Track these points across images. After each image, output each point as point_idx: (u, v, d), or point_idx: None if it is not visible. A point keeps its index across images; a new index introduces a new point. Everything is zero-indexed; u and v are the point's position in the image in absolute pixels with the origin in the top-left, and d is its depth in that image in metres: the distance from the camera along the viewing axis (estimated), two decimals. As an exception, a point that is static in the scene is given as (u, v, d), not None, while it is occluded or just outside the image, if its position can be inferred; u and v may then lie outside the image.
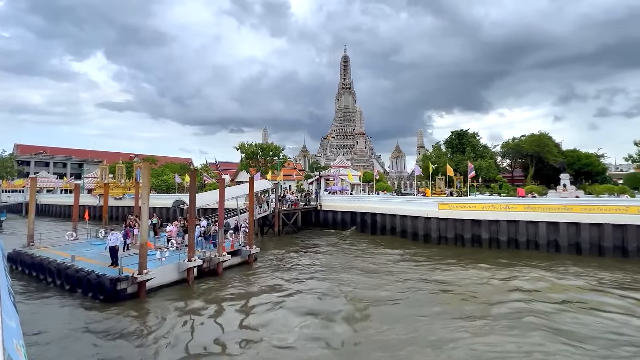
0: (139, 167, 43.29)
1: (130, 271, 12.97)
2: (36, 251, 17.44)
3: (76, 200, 22.24)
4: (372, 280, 15.54)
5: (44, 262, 15.39)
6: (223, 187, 17.22)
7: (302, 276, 16.20)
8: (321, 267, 18.08)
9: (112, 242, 13.82)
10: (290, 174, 70.98)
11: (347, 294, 13.57)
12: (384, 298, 13.12)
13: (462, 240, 23.39)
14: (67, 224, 38.23)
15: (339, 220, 32.08)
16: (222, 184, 17.34)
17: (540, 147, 62.40)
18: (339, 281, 15.33)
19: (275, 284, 14.95)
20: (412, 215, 25.79)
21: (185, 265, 14.63)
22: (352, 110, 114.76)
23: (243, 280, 15.67)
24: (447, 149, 64.45)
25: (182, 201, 22.30)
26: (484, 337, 9.89)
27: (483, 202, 23.14)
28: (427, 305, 12.38)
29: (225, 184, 18.58)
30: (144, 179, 13.11)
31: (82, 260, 15.46)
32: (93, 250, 18.01)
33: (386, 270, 17.15)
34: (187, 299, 13.28)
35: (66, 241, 20.37)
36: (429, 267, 17.89)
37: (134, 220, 20.80)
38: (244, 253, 18.11)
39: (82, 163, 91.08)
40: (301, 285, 14.72)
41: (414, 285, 14.75)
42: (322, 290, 14.01)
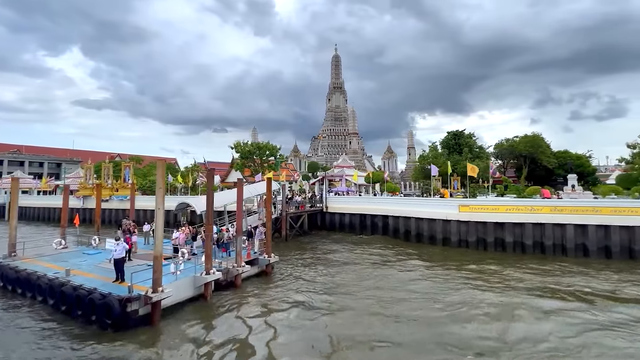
0: (128, 166, 40.53)
1: (142, 289, 10.97)
2: (20, 263, 15.05)
3: (65, 203, 19.77)
4: (404, 298, 14.05)
5: (32, 277, 13.10)
6: (241, 187, 15.33)
7: (328, 290, 14.47)
8: (343, 278, 16.45)
9: (119, 253, 11.74)
10: (276, 175, 68.92)
11: (381, 312, 12.02)
12: (425, 323, 11.64)
13: (485, 244, 22.29)
14: (49, 229, 35.13)
15: (346, 223, 30.55)
16: (241, 185, 15.45)
17: (534, 147, 62.93)
18: (370, 297, 13.74)
19: (302, 301, 13.15)
20: (429, 218, 24.54)
21: (202, 280, 12.71)
22: (343, 110, 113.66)
23: (265, 295, 13.84)
24: (443, 149, 64.09)
25: (187, 204, 20.22)
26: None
27: (507, 204, 22.11)
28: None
29: (241, 184, 16.67)
30: (158, 179, 11.16)
31: (77, 274, 13.27)
32: (87, 261, 15.74)
33: (417, 288, 15.71)
34: (208, 320, 11.39)
35: (54, 250, 17.94)
36: (463, 279, 16.58)
37: (132, 226, 18.63)
38: (261, 262, 16.27)
39: (60, 163, 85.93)
40: (331, 302, 12.95)
41: (455, 303, 13.35)
42: (355, 309, 12.39)
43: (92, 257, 16.59)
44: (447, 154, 61.97)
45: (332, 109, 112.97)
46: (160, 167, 11.23)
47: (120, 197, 38.90)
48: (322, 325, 10.91)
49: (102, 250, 17.77)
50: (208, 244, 13.04)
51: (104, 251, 17.62)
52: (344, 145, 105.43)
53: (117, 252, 11.68)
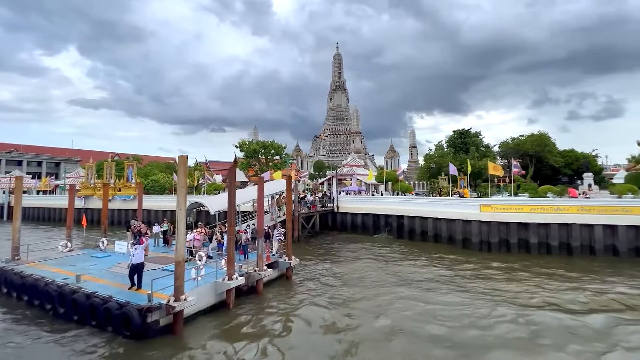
0: (131, 165, 39.47)
1: (162, 297, 10.03)
2: (25, 267, 14.05)
3: (71, 203, 18.77)
4: (434, 311, 13.16)
5: (39, 284, 12.11)
6: (262, 185, 14.38)
7: (353, 298, 13.46)
8: (366, 284, 15.51)
9: (137, 258, 10.75)
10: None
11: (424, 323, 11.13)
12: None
13: (508, 245, 21.45)
14: (52, 230, 33.97)
15: (358, 223, 29.65)
16: (262, 182, 14.50)
17: (541, 146, 62.34)
18: (399, 309, 12.83)
19: (328, 310, 12.18)
20: (447, 218, 23.69)
21: (224, 286, 11.77)
22: (344, 109, 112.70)
23: (289, 303, 12.88)
24: (449, 148, 63.33)
25: (200, 204, 19.25)
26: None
27: (531, 204, 21.29)
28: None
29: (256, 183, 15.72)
30: (180, 177, 10.20)
31: (88, 279, 12.30)
32: (97, 265, 14.75)
33: (446, 299, 14.83)
34: (233, 331, 10.46)
35: (60, 253, 16.93)
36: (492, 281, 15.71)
37: (144, 227, 17.66)
38: (281, 265, 15.34)
39: (59, 162, 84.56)
40: (358, 315, 11.90)
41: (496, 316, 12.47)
42: (386, 325, 11.49)
43: (101, 260, 15.60)
44: (453, 152, 61.28)
45: (334, 108, 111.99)
46: (183, 163, 10.29)
47: (124, 197, 37.85)
48: (352, 340, 9.92)
49: (111, 253, 16.79)
50: (230, 247, 12.10)
51: (113, 254, 16.66)
52: (346, 144, 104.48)
53: (136, 257, 10.69)
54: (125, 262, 14.85)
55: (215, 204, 18.07)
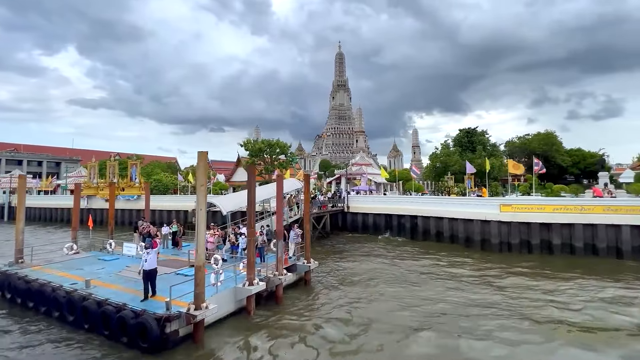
0: (135, 165, 38.64)
1: (181, 304, 9.24)
2: (29, 271, 13.26)
3: (76, 203, 17.96)
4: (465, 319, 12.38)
5: (46, 289, 11.31)
6: (282, 183, 13.56)
7: (376, 304, 12.71)
8: (389, 289, 14.76)
9: (150, 264, 9.92)
10: (300, 172, 67.20)
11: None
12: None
13: (529, 247, 20.68)
14: (54, 231, 33.16)
15: (370, 223, 28.86)
16: (281, 181, 13.69)
17: (549, 145, 61.68)
18: (430, 314, 12.07)
19: (352, 317, 11.46)
20: (464, 218, 22.91)
21: (245, 292, 10.97)
22: (347, 108, 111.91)
23: (311, 309, 12.08)
24: (455, 147, 62.52)
25: (212, 204, 18.37)
26: None
27: (554, 203, 20.51)
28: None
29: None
30: (200, 175, 9.40)
31: (97, 284, 11.50)
32: (105, 268, 13.95)
33: (479, 301, 14.04)
34: (256, 341, 9.63)
35: (65, 256, 16.14)
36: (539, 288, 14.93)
37: (153, 229, 16.88)
38: (300, 269, 14.55)
39: (59, 162, 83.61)
40: (385, 322, 11.17)
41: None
42: (418, 335, 10.72)
43: (109, 263, 14.80)
44: (459, 152, 60.45)
45: (336, 107, 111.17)
46: (202, 160, 9.49)
47: (127, 196, 37.02)
48: (382, 352, 9.16)
49: (119, 256, 16.01)
50: (251, 250, 11.29)
51: (121, 256, 15.87)
52: (348, 143, 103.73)
53: (149, 262, 9.86)
54: (135, 265, 14.13)
55: (228, 204, 17.28)
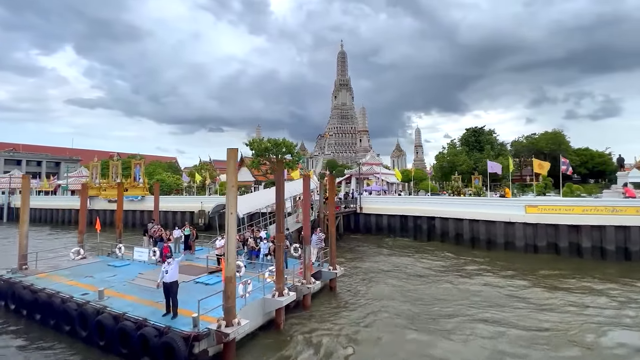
0: (138, 164, 37.60)
1: (209, 320, 8.26)
2: (35, 279, 12.25)
3: (83, 204, 16.94)
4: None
5: (55, 301, 10.30)
6: (308, 181, 12.56)
7: (408, 313, 11.82)
8: (418, 296, 13.82)
9: (171, 276, 8.86)
10: (311, 172, 66.18)
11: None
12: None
13: (556, 249, 19.77)
14: (56, 234, 32.01)
15: (384, 225, 27.90)
16: (307, 180, 12.67)
17: (557, 144, 60.88)
18: (483, 330, 11.12)
19: (387, 327, 10.53)
20: (487, 220, 21.99)
21: (275, 303, 9.98)
22: (349, 107, 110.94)
23: (342, 320, 11.08)
24: (462, 147, 61.69)
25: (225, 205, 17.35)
26: None
27: (583, 204, 19.59)
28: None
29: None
30: (230, 174, 8.41)
31: (111, 294, 10.49)
32: (117, 276, 12.93)
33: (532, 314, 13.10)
34: (289, 357, 8.69)
35: (72, 261, 15.11)
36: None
37: (166, 233, 15.88)
38: (325, 276, 13.57)
39: (59, 161, 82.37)
40: (424, 337, 10.35)
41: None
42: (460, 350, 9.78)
43: (120, 270, 13.78)
44: (467, 151, 59.63)
45: (339, 107, 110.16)
46: (232, 157, 8.50)
47: (131, 197, 35.93)
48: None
49: (130, 261, 14.98)
50: (280, 257, 10.30)
51: (132, 262, 14.85)
52: (351, 143, 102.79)
53: (170, 274, 8.81)
54: (149, 272, 13.14)
55: (244, 206, 16.28)
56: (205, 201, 33.69)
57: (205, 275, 12.52)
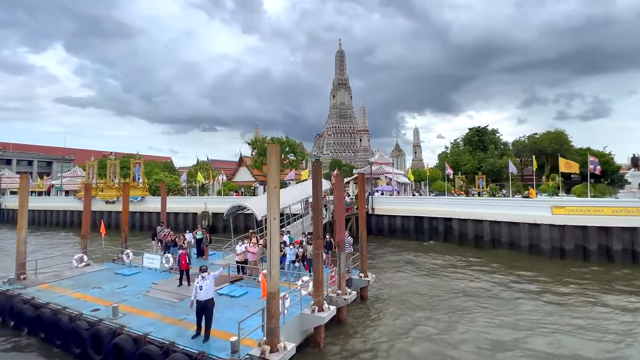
0: (138, 163, 36.10)
1: (248, 344, 7.10)
2: (36, 291, 10.95)
3: (87, 206, 15.58)
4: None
5: (62, 319, 9.02)
6: (340, 180, 11.45)
7: (452, 327, 10.82)
8: (456, 306, 12.81)
9: (206, 293, 7.57)
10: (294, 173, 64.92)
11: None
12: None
13: (585, 253, 18.92)
14: (51, 237, 30.32)
15: (397, 226, 26.90)
16: (339, 178, 11.56)
17: (559, 144, 60.57)
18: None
19: (433, 340, 9.49)
20: (509, 222, 21.10)
21: (315, 320, 8.84)
22: (348, 107, 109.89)
23: (382, 334, 10.00)
24: (465, 147, 61.07)
25: (242, 207, 16.20)
26: None
27: (613, 205, 18.78)
28: None
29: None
30: (271, 173, 7.26)
31: (126, 310, 9.26)
32: (128, 286, 11.67)
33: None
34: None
35: (75, 269, 13.79)
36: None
37: (176, 236, 14.63)
38: (356, 284, 12.48)
39: (50, 161, 79.95)
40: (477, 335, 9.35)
41: None
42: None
43: (130, 279, 12.52)
44: (470, 151, 59.04)
45: (337, 106, 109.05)
46: (275, 154, 7.35)
47: (130, 198, 34.33)
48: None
49: (140, 269, 13.70)
50: (318, 265, 9.15)
51: (142, 270, 13.58)
52: (350, 143, 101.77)
53: (205, 290, 7.57)
54: (163, 281, 11.92)
55: (262, 208, 15.02)
56: (210, 202, 32.36)
57: (227, 285, 11.33)
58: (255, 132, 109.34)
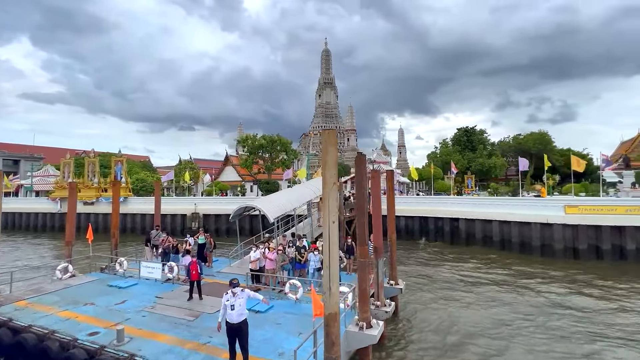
0: (120, 161, 33.55)
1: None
2: (14, 310, 9.07)
3: (72, 209, 13.59)
4: None
5: (52, 347, 7.29)
6: (378, 179, 10.23)
7: (499, 337, 9.87)
8: (497, 316, 11.91)
9: (240, 313, 5.99)
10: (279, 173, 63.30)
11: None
12: None
13: (598, 252, 18.63)
14: (20, 243, 27.29)
15: (401, 227, 25.92)
16: (378, 176, 10.32)
17: (543, 144, 62.09)
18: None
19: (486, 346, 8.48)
20: (520, 221, 20.60)
21: (365, 339, 7.55)
22: (334, 106, 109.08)
23: (429, 351, 8.91)
24: (454, 147, 61.48)
25: (249, 208, 14.63)
26: None
27: (626, 204, 18.58)
28: None
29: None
30: (329, 165, 5.92)
31: (132, 333, 7.65)
32: (128, 301, 9.93)
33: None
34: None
35: (58, 281, 11.84)
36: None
37: (177, 242, 12.99)
38: (387, 292, 11.26)
39: (17, 159, 74.28)
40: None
41: None
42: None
43: (128, 292, 10.76)
44: (459, 151, 59.44)
45: (323, 105, 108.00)
46: (332, 142, 6.02)
47: (111, 198, 31.77)
48: None
49: (137, 280, 11.92)
50: (365, 276, 7.86)
51: (140, 281, 11.81)
52: (337, 142, 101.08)
53: (239, 311, 6.11)
54: (168, 293, 10.30)
55: (274, 209, 13.63)
56: (200, 202, 30.35)
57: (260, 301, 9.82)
58: (239, 130, 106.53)
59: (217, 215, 29.53)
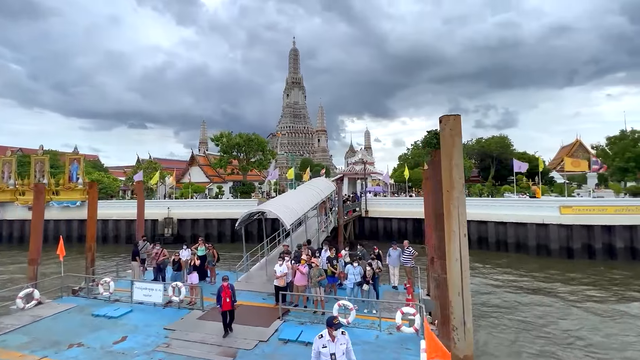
0: (76, 160, 29.34)
1: None
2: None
3: (38, 218, 10.81)
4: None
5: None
6: (430, 173, 9.01)
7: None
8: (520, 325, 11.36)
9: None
10: (255, 174, 60.51)
11: None
12: None
13: (591, 251, 19.26)
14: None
15: (393, 229, 25.36)
16: (435, 180, 9.07)
17: (504, 147, 65.93)
18: None
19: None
20: (516, 222, 20.80)
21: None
22: (302, 106, 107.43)
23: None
24: (425, 149, 62.96)
25: (258, 212, 12.72)
26: None
27: (615, 204, 19.40)
28: None
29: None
30: (455, 161, 4.58)
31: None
32: (130, 337, 7.74)
33: None
34: None
35: (22, 312, 9.16)
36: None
37: (178, 257, 10.91)
38: (427, 306, 10.15)
39: None
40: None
41: None
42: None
43: (122, 324, 8.47)
44: (429, 152, 60.74)
45: (291, 105, 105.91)
46: (458, 130, 4.66)
47: (65, 202, 27.55)
48: None
49: (129, 305, 9.60)
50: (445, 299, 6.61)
51: (134, 307, 9.51)
52: (305, 143, 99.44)
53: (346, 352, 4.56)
54: (178, 323, 8.29)
55: (289, 214, 11.92)
56: (174, 206, 27.32)
57: (276, 321, 8.13)
58: (202, 129, 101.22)
59: (194, 220, 26.82)
